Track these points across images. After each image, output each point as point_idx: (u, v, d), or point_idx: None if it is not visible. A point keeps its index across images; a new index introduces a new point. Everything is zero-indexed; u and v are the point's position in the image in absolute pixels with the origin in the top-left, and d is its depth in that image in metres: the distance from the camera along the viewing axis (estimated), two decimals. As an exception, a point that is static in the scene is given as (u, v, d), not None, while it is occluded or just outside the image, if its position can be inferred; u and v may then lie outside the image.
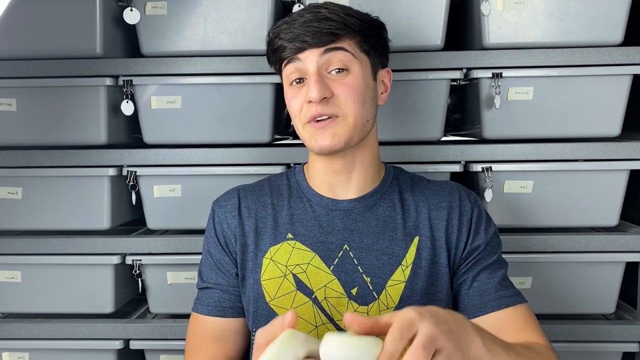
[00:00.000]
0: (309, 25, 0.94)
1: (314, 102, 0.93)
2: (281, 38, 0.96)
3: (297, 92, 0.97)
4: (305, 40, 0.94)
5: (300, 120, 0.98)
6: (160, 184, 1.33)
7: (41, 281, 1.36)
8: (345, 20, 0.95)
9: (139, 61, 1.31)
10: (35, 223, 1.36)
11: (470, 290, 1.00)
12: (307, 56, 0.95)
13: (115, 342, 1.33)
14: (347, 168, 1.02)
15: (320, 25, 0.93)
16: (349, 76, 0.95)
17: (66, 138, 1.34)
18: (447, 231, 1.01)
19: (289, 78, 0.98)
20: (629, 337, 1.30)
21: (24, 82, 1.31)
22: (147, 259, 1.34)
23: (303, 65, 0.96)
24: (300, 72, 0.97)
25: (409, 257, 0.99)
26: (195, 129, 1.33)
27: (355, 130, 0.96)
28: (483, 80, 1.28)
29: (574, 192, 1.30)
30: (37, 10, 1.30)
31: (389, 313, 0.65)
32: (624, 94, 1.27)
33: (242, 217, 1.04)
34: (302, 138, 1.00)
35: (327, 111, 0.94)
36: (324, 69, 0.95)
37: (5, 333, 1.35)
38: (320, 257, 0.99)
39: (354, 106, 0.95)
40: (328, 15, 0.94)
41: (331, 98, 0.94)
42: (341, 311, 0.97)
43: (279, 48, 0.97)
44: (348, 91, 0.94)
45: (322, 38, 0.94)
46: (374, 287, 0.98)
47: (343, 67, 0.95)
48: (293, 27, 0.95)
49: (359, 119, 0.96)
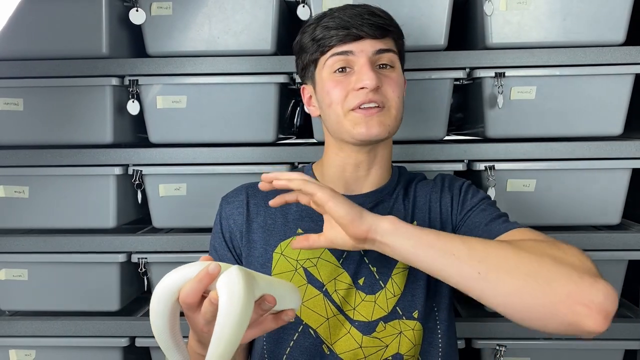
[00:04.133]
0: (363, 17, 0.96)
1: (368, 89, 0.95)
2: (327, 27, 0.97)
3: (341, 80, 0.98)
4: (363, 30, 0.96)
5: (343, 107, 0.98)
6: (165, 183, 1.34)
7: (48, 279, 1.37)
8: (392, 20, 1.01)
9: (145, 61, 1.32)
10: (41, 221, 1.37)
11: (462, 230, 1.00)
12: (362, 46, 0.97)
13: (121, 340, 1.35)
14: (368, 163, 1.03)
15: (374, 19, 0.97)
16: (394, 72, 0.99)
17: (72, 137, 1.35)
18: (442, 208, 1.03)
19: (334, 66, 0.98)
20: (631, 335, 1.31)
21: (30, 82, 1.33)
22: (153, 257, 1.35)
23: (354, 54, 0.97)
24: (347, 62, 0.98)
25: None
26: (201, 129, 1.34)
27: (395, 122, 0.99)
28: (486, 79, 1.29)
29: (577, 191, 1.31)
30: (43, 11, 1.31)
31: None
32: (626, 93, 1.27)
33: (250, 214, 1.05)
34: (337, 127, 0.99)
35: (377, 99, 0.96)
36: (374, 62, 0.98)
37: (12, 330, 1.36)
38: (330, 250, 1.01)
39: (397, 100, 0.98)
40: (378, 12, 0.99)
41: (380, 89, 0.97)
42: (350, 301, 0.99)
43: (327, 35, 0.98)
44: (394, 85, 0.98)
45: (377, 31, 0.96)
46: (380, 277, 1.00)
47: (390, 63, 0.99)
48: (344, 17, 0.97)
49: (399, 112, 0.99)
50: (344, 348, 0.98)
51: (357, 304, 0.99)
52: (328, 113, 1.00)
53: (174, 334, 0.74)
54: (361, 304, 0.99)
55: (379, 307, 0.99)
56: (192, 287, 0.71)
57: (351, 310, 0.99)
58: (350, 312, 0.99)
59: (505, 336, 1.31)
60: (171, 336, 0.74)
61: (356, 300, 0.99)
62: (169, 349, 0.74)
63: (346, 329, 0.99)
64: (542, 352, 1.32)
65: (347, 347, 0.98)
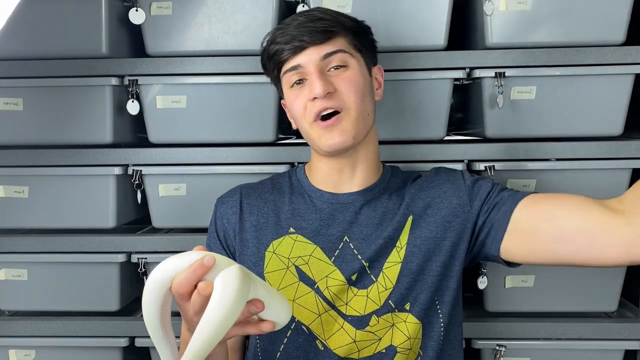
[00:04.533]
0: (304, 26, 0.97)
1: (318, 97, 0.95)
2: (277, 43, 1.00)
3: (298, 93, 1.00)
4: (303, 40, 0.97)
5: (306, 119, 0.99)
6: (165, 183, 1.34)
7: (47, 279, 1.37)
8: (337, 18, 1.00)
9: (145, 61, 1.32)
10: (41, 221, 1.37)
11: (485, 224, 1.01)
12: (307, 55, 0.98)
13: (120, 340, 1.34)
14: (351, 165, 1.04)
15: (315, 25, 0.97)
16: (348, 71, 0.99)
17: (72, 137, 1.35)
18: (443, 205, 1.03)
19: (289, 81, 1.00)
20: (631, 335, 1.30)
21: (30, 81, 1.32)
22: (153, 257, 1.35)
23: (302, 65, 0.98)
24: (300, 74, 0.99)
25: (402, 238, 1.02)
26: (200, 129, 1.34)
27: (358, 124, 0.98)
28: (486, 79, 1.28)
29: (577, 191, 1.29)
30: (43, 11, 1.31)
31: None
32: (626, 93, 1.27)
33: (243, 213, 1.07)
34: (309, 139, 1.02)
35: (332, 104, 0.96)
36: (323, 67, 0.98)
37: (12, 331, 1.36)
38: (322, 249, 1.02)
39: (355, 99, 0.98)
40: (320, 15, 0.99)
41: (334, 93, 0.97)
42: (342, 297, 1.00)
43: (277, 52, 1.00)
44: (349, 85, 0.97)
45: (318, 36, 0.97)
46: (372, 271, 1.00)
47: (342, 63, 0.98)
48: (288, 30, 0.98)
49: (360, 112, 0.98)
50: (337, 343, 0.99)
51: (349, 299, 1.00)
52: (300, 126, 1.03)
53: (164, 325, 0.75)
54: (353, 298, 0.99)
55: (371, 301, 0.99)
56: (186, 277, 0.72)
57: (343, 305, 0.99)
58: (342, 307, 1.00)
59: (505, 336, 1.31)
60: (161, 327, 0.75)
61: (349, 295, 1.00)
62: (158, 339, 0.76)
63: (339, 324, 0.99)
64: (542, 352, 1.32)
65: (341, 342, 0.99)
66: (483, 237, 1.01)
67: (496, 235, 0.99)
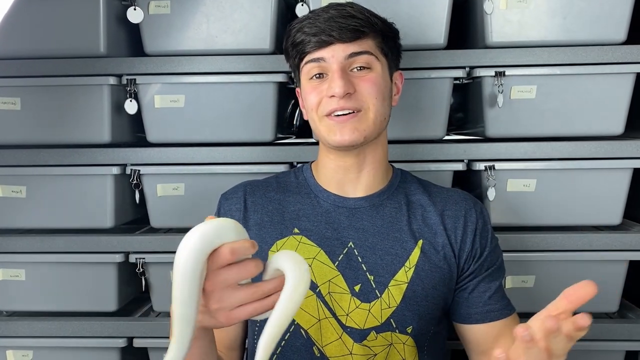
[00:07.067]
0: (334, 20, 0.95)
1: (336, 97, 0.94)
2: (304, 32, 0.97)
3: (316, 86, 0.98)
4: (332, 35, 0.95)
5: (317, 113, 0.98)
6: (163, 183, 1.34)
7: (45, 279, 1.36)
8: (369, 19, 0.98)
9: (143, 60, 1.32)
10: (39, 221, 1.36)
11: (460, 299, 1.03)
12: (332, 51, 0.96)
13: (118, 340, 1.34)
14: (358, 166, 1.03)
15: (346, 22, 0.95)
16: (371, 73, 0.97)
17: (70, 137, 1.34)
18: (451, 238, 1.02)
19: (310, 72, 0.99)
20: (632, 336, 1.30)
21: (28, 81, 1.32)
22: (151, 257, 1.34)
23: (325, 60, 0.96)
24: (321, 68, 0.97)
25: (412, 259, 1.00)
26: (199, 128, 1.33)
27: (374, 125, 0.97)
28: (486, 78, 1.28)
29: (577, 191, 1.30)
30: (40, 10, 1.31)
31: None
32: (627, 93, 1.27)
33: (247, 211, 1.05)
34: (317, 132, 1.01)
35: (349, 106, 0.95)
36: (347, 66, 0.96)
37: (10, 331, 1.36)
38: (326, 252, 1.00)
39: (375, 102, 0.96)
40: (353, 12, 0.97)
41: (353, 94, 0.95)
42: (343, 306, 0.98)
43: (302, 42, 0.97)
44: (370, 87, 0.96)
45: (347, 34, 0.95)
46: (377, 286, 0.98)
47: (366, 65, 0.97)
48: (318, 22, 0.96)
49: (378, 114, 0.97)
50: (334, 352, 0.98)
51: (351, 310, 0.98)
52: (310, 117, 1.02)
53: (198, 300, 0.66)
54: (355, 310, 0.98)
55: (373, 317, 0.98)
56: (244, 247, 0.66)
57: (344, 315, 0.98)
58: (343, 317, 0.98)
59: (505, 337, 1.31)
60: (197, 303, 0.65)
61: (350, 306, 0.98)
62: (187, 319, 0.65)
63: (338, 334, 0.98)
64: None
65: (338, 352, 0.98)
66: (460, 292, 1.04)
67: (455, 307, 1.04)
